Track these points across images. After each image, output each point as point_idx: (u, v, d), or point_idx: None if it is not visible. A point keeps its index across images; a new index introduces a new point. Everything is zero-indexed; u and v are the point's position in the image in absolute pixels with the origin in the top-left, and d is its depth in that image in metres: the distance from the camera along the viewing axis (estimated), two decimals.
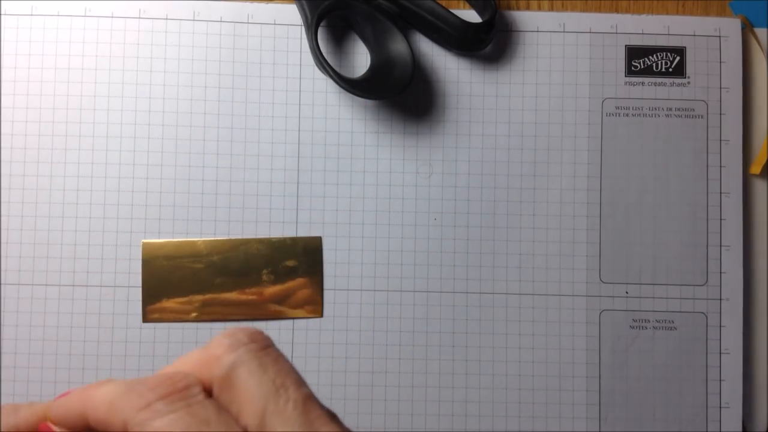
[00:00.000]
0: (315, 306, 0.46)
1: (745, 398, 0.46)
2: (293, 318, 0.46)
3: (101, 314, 0.45)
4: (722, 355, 0.46)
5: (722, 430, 0.46)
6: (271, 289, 0.45)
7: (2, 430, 0.24)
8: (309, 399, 0.22)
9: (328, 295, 0.46)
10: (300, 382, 0.23)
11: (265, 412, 0.22)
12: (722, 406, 0.46)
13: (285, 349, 0.45)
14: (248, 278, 0.45)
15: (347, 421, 0.45)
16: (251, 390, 0.22)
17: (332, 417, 0.23)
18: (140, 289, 0.45)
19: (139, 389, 0.22)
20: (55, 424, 0.24)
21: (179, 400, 0.22)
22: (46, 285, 0.45)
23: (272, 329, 0.45)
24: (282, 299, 0.45)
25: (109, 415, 0.22)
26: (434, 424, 0.45)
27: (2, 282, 0.45)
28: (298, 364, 0.45)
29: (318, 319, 0.46)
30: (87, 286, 0.45)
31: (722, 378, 0.46)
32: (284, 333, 0.45)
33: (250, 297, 0.45)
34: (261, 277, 0.46)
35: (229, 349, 0.23)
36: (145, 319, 0.45)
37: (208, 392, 0.23)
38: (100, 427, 0.22)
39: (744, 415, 0.46)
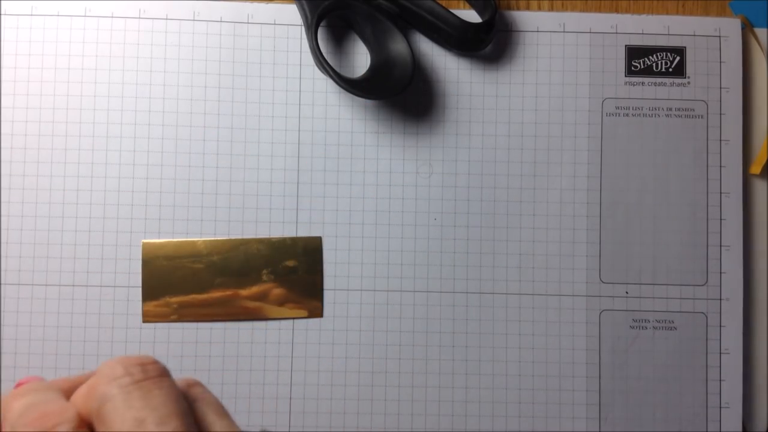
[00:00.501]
0: (315, 306, 0.46)
1: (745, 398, 0.46)
2: (293, 318, 0.46)
3: (101, 314, 0.45)
4: (722, 355, 0.46)
5: (722, 430, 0.46)
6: (271, 290, 0.46)
7: None
8: None
9: (328, 295, 0.46)
10: (164, 418, 0.22)
11: None
12: (722, 406, 0.46)
13: (285, 350, 0.45)
14: (248, 278, 0.45)
15: (347, 421, 0.45)
16: (114, 428, 0.22)
17: None
18: (140, 289, 0.45)
19: (14, 422, 0.22)
20: None
21: None
22: (46, 285, 0.45)
23: (272, 329, 0.45)
24: (282, 299, 0.45)
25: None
26: (434, 424, 0.45)
27: (2, 282, 0.45)
28: (298, 364, 0.45)
29: (318, 319, 0.46)
30: (87, 286, 0.45)
31: (722, 378, 0.46)
32: (284, 333, 0.45)
33: (250, 297, 0.45)
34: (261, 277, 0.46)
35: (105, 381, 0.22)
36: (145, 319, 0.45)
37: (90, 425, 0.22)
38: None
39: (744, 415, 0.46)
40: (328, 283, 0.46)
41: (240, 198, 0.46)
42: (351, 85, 0.44)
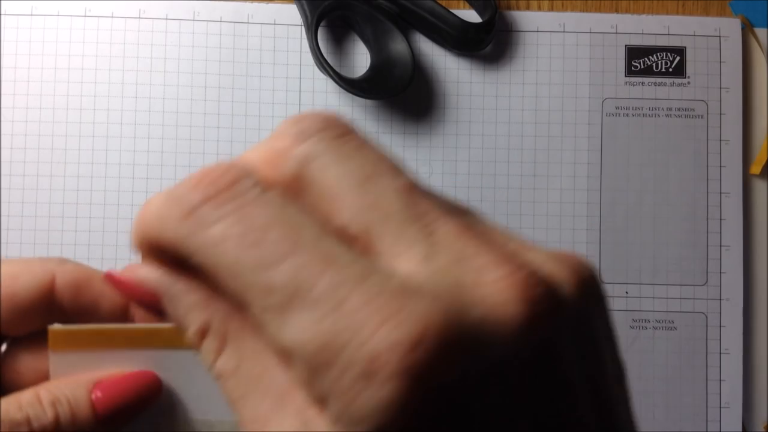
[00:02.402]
0: None
1: (745, 398, 0.46)
2: None
3: None
4: (722, 355, 0.46)
5: (722, 430, 0.46)
6: None
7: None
8: (413, 188, 0.17)
9: None
10: (396, 169, 0.17)
11: (361, 209, 0.16)
12: (722, 406, 0.46)
13: None
14: None
15: None
16: (332, 186, 0.17)
17: (451, 209, 0.17)
18: None
19: (179, 192, 0.17)
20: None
21: (228, 201, 0.16)
22: None
23: None
24: None
25: (160, 234, 0.18)
26: None
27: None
28: None
29: None
30: None
31: (722, 378, 0.46)
32: None
33: None
34: None
35: (296, 140, 0.17)
36: None
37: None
38: (169, 250, 0.18)
39: (744, 415, 0.46)
40: None
41: None
42: (351, 85, 0.44)
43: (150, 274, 0.19)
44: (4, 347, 0.22)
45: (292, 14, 0.47)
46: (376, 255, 0.16)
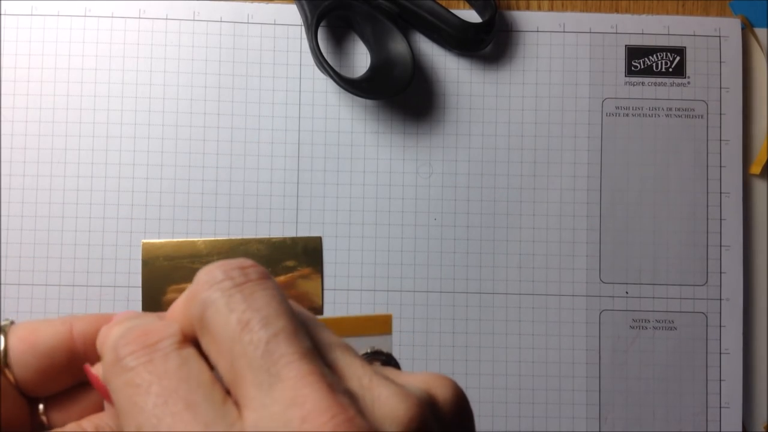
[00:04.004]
0: (315, 306, 0.46)
1: (745, 398, 0.46)
2: None
3: None
4: (722, 355, 0.46)
5: (722, 430, 0.46)
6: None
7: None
8: (275, 337, 0.20)
9: (328, 295, 0.46)
10: (270, 318, 0.20)
11: (232, 356, 0.20)
12: (722, 406, 0.46)
13: None
14: None
15: None
16: (217, 333, 0.20)
17: (303, 354, 0.20)
18: (140, 289, 0.45)
19: (114, 343, 0.21)
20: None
21: (144, 354, 0.20)
22: (46, 285, 0.45)
23: None
24: None
25: (103, 359, 0.21)
26: None
27: (2, 282, 0.45)
28: None
29: None
30: (87, 286, 0.45)
31: (722, 378, 0.46)
32: None
33: None
34: None
35: (204, 287, 0.21)
36: None
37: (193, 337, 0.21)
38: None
39: (744, 415, 0.46)
40: (328, 283, 0.46)
41: (240, 198, 0.46)
42: (351, 85, 0.44)
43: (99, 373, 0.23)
44: (41, 407, 0.24)
45: (292, 14, 0.47)
46: (238, 404, 0.20)
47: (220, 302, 0.20)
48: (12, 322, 0.24)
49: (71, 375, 0.24)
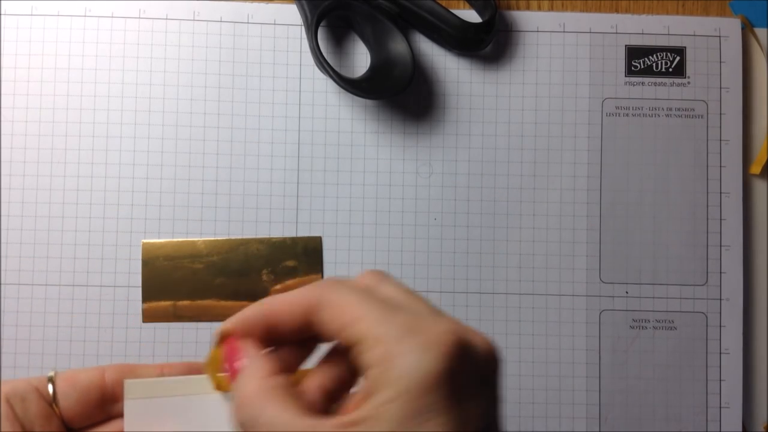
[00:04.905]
0: None
1: (745, 398, 0.46)
2: None
3: (101, 314, 0.45)
4: (722, 355, 0.46)
5: (722, 430, 0.46)
6: (272, 290, 0.45)
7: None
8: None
9: None
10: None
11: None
12: (722, 406, 0.46)
13: None
14: (248, 278, 0.45)
15: None
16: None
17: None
18: (140, 289, 0.45)
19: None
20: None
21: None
22: (46, 285, 0.45)
23: None
24: None
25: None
26: None
27: (2, 282, 0.45)
28: None
29: None
30: (87, 286, 0.45)
31: (722, 378, 0.46)
32: None
33: (250, 297, 0.45)
34: (261, 277, 0.46)
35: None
36: (145, 319, 0.45)
37: None
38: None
39: (744, 415, 0.46)
40: None
41: (240, 198, 0.46)
42: (351, 85, 0.44)
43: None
44: None
45: (292, 14, 0.47)
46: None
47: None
48: (55, 373, 0.30)
49: (102, 410, 0.30)
